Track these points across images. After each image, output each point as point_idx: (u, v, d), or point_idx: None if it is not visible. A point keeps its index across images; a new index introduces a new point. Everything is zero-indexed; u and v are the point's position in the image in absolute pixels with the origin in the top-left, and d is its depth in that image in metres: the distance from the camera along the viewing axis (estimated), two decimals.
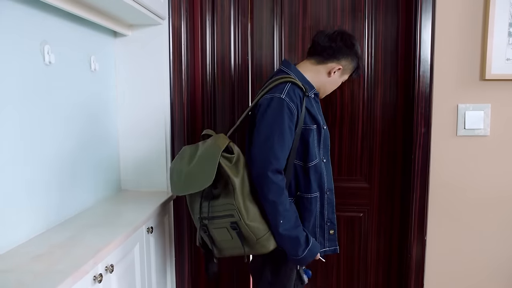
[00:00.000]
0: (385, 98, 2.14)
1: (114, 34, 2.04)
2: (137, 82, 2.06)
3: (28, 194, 1.39)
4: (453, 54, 1.97)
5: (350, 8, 2.10)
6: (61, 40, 1.58)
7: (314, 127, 1.57)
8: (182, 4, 2.05)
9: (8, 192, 1.30)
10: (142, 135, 2.08)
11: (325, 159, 1.63)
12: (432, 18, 1.95)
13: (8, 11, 1.29)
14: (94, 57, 1.84)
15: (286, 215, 1.45)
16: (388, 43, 2.11)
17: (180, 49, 2.07)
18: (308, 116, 1.55)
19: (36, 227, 1.44)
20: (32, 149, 1.41)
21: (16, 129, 1.33)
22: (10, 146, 1.30)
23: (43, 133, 1.48)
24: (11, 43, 1.30)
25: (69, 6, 1.49)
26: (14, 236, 1.32)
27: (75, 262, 1.19)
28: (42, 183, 1.47)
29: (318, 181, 1.59)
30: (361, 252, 2.25)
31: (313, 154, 1.56)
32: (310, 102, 1.58)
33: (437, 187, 2.05)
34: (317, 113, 1.59)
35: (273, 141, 1.44)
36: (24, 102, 1.36)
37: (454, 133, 2.01)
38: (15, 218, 1.33)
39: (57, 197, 1.57)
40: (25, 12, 1.38)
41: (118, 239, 1.41)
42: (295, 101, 1.49)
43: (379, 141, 2.17)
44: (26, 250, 1.29)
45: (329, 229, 1.66)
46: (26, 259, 1.22)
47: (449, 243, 2.08)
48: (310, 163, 1.56)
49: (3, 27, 1.26)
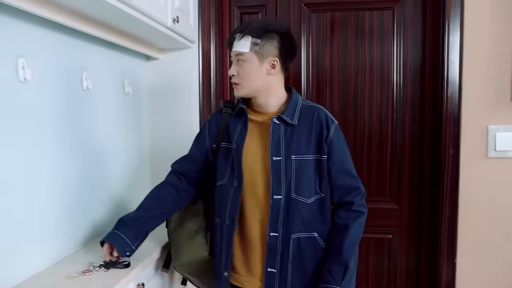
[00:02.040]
0: (414, 119, 2.13)
1: (147, 58, 2.12)
2: (167, 104, 2.13)
3: (65, 211, 1.46)
4: (482, 75, 1.95)
5: (378, 31, 2.12)
6: (97, 66, 1.67)
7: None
8: (212, 28, 2.12)
9: (46, 206, 1.36)
10: (171, 154, 2.13)
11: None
12: (460, 39, 1.94)
13: (51, 41, 1.38)
14: (128, 80, 1.92)
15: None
16: (416, 64, 2.11)
17: (209, 71, 2.13)
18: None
19: (70, 244, 1.50)
20: (74, 168, 1.49)
21: (57, 149, 1.40)
22: (55, 164, 1.37)
23: (79, 153, 1.55)
24: (54, 70, 1.39)
25: (108, 35, 1.57)
26: (48, 255, 1.38)
27: (108, 280, 1.24)
28: (81, 202, 1.54)
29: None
30: (390, 275, 2.22)
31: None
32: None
33: (467, 209, 2.01)
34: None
35: None
36: (63, 126, 1.44)
37: (485, 154, 1.98)
38: (50, 237, 1.39)
39: (92, 215, 1.64)
40: (65, 41, 1.46)
41: (148, 259, 1.46)
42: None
43: (408, 162, 2.15)
44: (60, 269, 1.34)
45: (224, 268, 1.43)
46: (61, 277, 1.27)
47: (481, 267, 2.03)
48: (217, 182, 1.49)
49: (46, 56, 1.35)
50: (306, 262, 1.38)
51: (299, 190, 1.36)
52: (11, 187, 1.20)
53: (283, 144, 1.36)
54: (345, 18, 2.14)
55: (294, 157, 1.35)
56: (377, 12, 2.12)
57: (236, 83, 1.40)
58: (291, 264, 1.37)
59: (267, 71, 1.37)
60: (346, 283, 1.32)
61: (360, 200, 1.40)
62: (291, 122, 1.37)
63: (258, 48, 1.34)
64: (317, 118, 1.38)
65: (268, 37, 1.35)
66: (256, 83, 1.38)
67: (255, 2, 2.21)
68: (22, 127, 1.24)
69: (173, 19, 1.70)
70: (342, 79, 2.16)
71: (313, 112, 1.40)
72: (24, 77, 1.22)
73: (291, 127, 1.37)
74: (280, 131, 1.37)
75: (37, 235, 1.31)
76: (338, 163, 1.38)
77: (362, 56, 2.14)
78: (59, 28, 1.39)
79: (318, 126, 1.38)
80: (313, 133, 1.37)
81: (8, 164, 1.18)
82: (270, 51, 1.36)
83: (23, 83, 1.23)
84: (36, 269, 1.30)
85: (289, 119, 1.37)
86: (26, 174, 1.26)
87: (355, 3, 2.13)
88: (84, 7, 1.31)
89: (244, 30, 1.35)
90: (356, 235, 1.37)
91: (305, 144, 1.37)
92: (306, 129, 1.38)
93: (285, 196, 1.35)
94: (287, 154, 1.35)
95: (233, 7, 2.23)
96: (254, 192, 1.39)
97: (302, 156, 1.36)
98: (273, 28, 1.37)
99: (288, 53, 1.40)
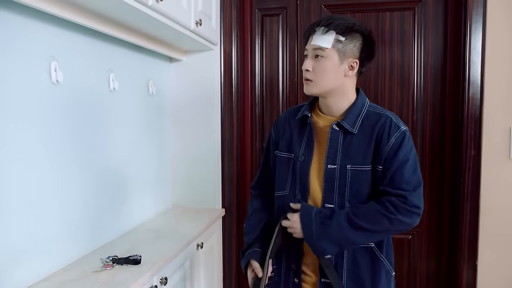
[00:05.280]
0: (434, 120, 2.13)
1: (170, 60, 2.18)
2: (190, 104, 2.18)
3: (95, 208, 1.53)
4: (504, 76, 1.93)
5: (399, 32, 2.12)
6: (123, 68, 1.73)
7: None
8: (233, 30, 2.17)
9: (78, 205, 1.43)
10: (193, 153, 2.20)
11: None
12: (482, 40, 1.93)
13: (81, 44, 1.45)
14: (152, 82, 1.98)
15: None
16: (437, 65, 2.10)
17: (230, 72, 2.18)
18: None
19: (99, 239, 1.57)
20: (102, 167, 1.55)
21: (82, 150, 1.47)
22: (84, 163, 1.44)
23: (106, 153, 1.62)
24: (83, 72, 1.45)
25: (134, 38, 1.64)
26: (76, 250, 1.45)
27: (132, 274, 1.30)
28: (109, 199, 1.60)
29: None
30: (410, 275, 2.22)
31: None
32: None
33: (489, 211, 1.99)
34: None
35: None
36: (89, 126, 1.51)
37: (507, 156, 1.96)
38: (83, 230, 1.46)
39: (118, 212, 1.70)
40: (94, 44, 1.53)
41: (169, 255, 1.51)
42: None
43: (428, 163, 2.15)
44: (88, 262, 1.41)
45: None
46: (86, 271, 1.33)
47: (502, 270, 2.01)
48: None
49: (76, 58, 1.42)
50: (363, 274, 1.29)
51: (353, 201, 1.27)
52: (43, 185, 1.27)
53: (340, 152, 1.27)
54: (366, 19, 2.15)
55: (349, 166, 1.26)
56: (398, 12, 2.13)
57: (309, 79, 1.28)
58: (346, 276, 1.28)
59: (345, 72, 1.27)
60: (317, 226, 1.22)
61: (417, 202, 1.24)
62: (351, 130, 1.27)
63: (341, 46, 1.24)
64: (380, 127, 1.27)
65: (353, 36, 1.26)
66: (332, 83, 1.27)
67: (276, 4, 2.25)
68: (52, 128, 1.31)
69: (196, 22, 1.75)
70: (362, 80, 2.17)
71: (377, 120, 1.28)
72: (56, 79, 1.28)
73: (350, 135, 1.28)
74: (339, 138, 1.28)
75: (61, 235, 1.38)
76: (394, 171, 1.24)
77: (382, 57, 2.15)
78: (87, 32, 1.46)
79: (379, 135, 1.26)
80: (372, 142, 1.27)
81: (40, 164, 1.25)
82: (352, 51, 1.26)
83: (55, 85, 1.29)
84: (59, 265, 1.36)
85: (349, 127, 1.27)
86: (54, 176, 1.33)
87: (375, 4, 2.14)
88: (114, 13, 1.37)
89: (330, 25, 1.24)
90: (394, 222, 1.21)
91: (363, 153, 1.27)
92: (366, 137, 1.27)
93: (338, 206, 1.27)
94: (342, 163, 1.27)
95: (254, 9, 2.27)
96: (314, 202, 1.31)
97: (359, 166, 1.27)
98: (359, 28, 1.27)
99: (368, 57, 1.31)
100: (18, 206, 1.17)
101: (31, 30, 1.21)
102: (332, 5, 2.18)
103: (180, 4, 1.59)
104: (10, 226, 1.15)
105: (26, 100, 1.19)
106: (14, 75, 1.15)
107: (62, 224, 1.36)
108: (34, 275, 1.24)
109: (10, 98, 1.13)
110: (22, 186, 1.18)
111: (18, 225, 1.18)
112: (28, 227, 1.21)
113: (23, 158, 1.19)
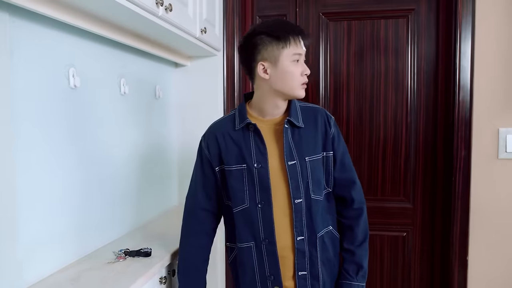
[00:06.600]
0: (427, 122, 2.23)
1: (175, 65, 2.29)
2: (194, 107, 2.29)
3: (111, 205, 1.63)
4: (492, 80, 2.04)
5: (393, 39, 2.23)
6: (133, 73, 1.84)
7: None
8: (236, 37, 2.27)
9: (91, 203, 1.53)
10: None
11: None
12: (472, 46, 2.04)
13: (95, 51, 1.55)
14: (159, 86, 2.08)
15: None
16: (429, 70, 2.21)
17: (233, 76, 2.29)
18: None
19: (113, 233, 1.67)
20: (114, 165, 1.66)
21: (98, 147, 1.57)
22: (93, 161, 1.54)
23: (119, 152, 1.72)
24: (97, 77, 1.56)
25: (143, 45, 1.74)
26: (94, 241, 1.55)
27: (145, 264, 1.40)
28: (119, 196, 1.71)
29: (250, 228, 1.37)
30: (404, 271, 2.32)
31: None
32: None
33: (479, 209, 2.09)
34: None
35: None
36: (103, 127, 1.61)
37: (496, 156, 2.06)
38: (95, 226, 1.56)
39: (126, 209, 1.80)
40: (107, 51, 1.64)
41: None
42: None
43: (421, 163, 2.26)
44: (100, 256, 1.51)
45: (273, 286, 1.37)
46: (103, 261, 1.44)
47: (492, 265, 2.11)
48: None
49: (91, 65, 1.52)
50: (330, 256, 1.41)
51: (316, 190, 1.36)
52: (63, 182, 1.37)
53: (294, 147, 1.34)
54: (361, 27, 2.27)
55: (308, 158, 1.35)
56: (392, 20, 2.24)
57: (305, 84, 1.35)
58: (320, 263, 1.38)
59: None
60: (360, 277, 1.42)
61: (359, 197, 1.44)
62: (299, 125, 1.35)
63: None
64: (321, 118, 1.39)
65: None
66: None
67: (276, 12, 2.36)
68: (71, 130, 1.41)
69: (201, 30, 1.85)
70: (359, 84, 2.28)
71: (314, 112, 1.40)
72: (74, 84, 1.39)
73: (297, 130, 1.36)
74: (289, 135, 1.35)
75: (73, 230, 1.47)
76: (340, 157, 1.41)
77: (377, 62, 2.26)
78: (101, 40, 1.56)
79: (322, 125, 1.39)
80: (318, 132, 1.38)
81: (63, 162, 1.36)
82: None
83: (73, 89, 1.40)
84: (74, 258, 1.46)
85: (297, 123, 1.35)
86: (73, 174, 1.43)
87: (370, 12, 2.25)
88: (128, 23, 1.47)
89: (303, 30, 1.34)
90: (363, 232, 1.43)
91: (313, 144, 1.37)
92: (312, 129, 1.37)
93: (305, 198, 1.34)
94: (300, 157, 1.34)
95: (255, 16, 2.38)
96: (279, 203, 1.34)
97: (314, 156, 1.36)
98: None
99: None
100: (39, 204, 1.27)
101: (56, 40, 1.32)
102: (329, 12, 2.29)
103: (186, 13, 1.70)
104: (29, 220, 1.24)
105: (48, 104, 1.29)
106: (41, 80, 1.26)
107: (79, 218, 1.46)
108: (51, 266, 1.33)
109: (37, 102, 1.24)
110: (43, 182, 1.28)
111: (37, 219, 1.27)
112: (45, 221, 1.31)
113: (47, 156, 1.29)
